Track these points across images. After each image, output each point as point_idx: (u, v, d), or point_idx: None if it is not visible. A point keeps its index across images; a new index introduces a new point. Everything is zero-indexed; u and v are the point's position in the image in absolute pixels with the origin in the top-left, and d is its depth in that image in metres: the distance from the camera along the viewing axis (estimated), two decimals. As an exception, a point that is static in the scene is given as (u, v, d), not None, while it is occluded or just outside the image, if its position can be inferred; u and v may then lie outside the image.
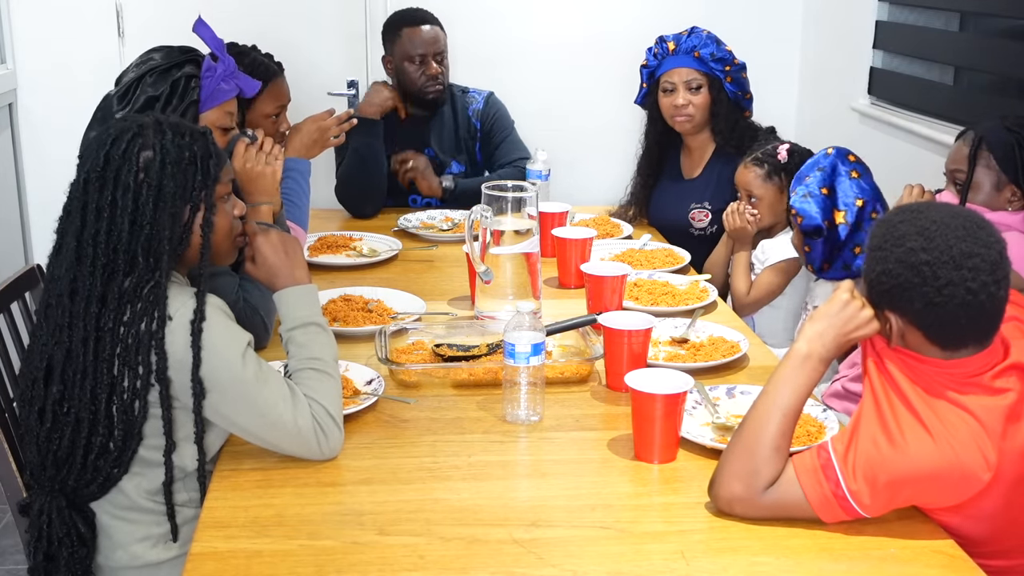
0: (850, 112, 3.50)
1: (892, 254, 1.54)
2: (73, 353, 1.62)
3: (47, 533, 1.68)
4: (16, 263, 3.63)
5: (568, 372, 2.07)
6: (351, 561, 1.47)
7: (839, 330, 1.59)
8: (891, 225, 1.58)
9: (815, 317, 1.61)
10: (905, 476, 1.50)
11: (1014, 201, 2.21)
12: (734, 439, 1.59)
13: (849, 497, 1.50)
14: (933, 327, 1.54)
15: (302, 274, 1.85)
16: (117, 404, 1.63)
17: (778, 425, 1.55)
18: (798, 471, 1.54)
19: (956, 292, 1.50)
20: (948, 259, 1.50)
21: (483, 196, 2.27)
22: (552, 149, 3.34)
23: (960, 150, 2.27)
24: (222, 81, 2.17)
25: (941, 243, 1.51)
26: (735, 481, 1.55)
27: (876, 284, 1.57)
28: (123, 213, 1.63)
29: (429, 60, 3.24)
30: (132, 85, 2.11)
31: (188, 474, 1.72)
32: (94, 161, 1.64)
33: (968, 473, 1.49)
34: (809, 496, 1.52)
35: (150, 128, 1.67)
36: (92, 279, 1.62)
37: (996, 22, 3.01)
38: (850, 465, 1.50)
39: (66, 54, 3.67)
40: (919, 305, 1.52)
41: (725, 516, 1.58)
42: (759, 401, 1.59)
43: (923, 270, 1.51)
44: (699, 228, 3.10)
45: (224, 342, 1.63)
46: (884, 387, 1.56)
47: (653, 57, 3.07)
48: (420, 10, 3.31)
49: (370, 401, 1.92)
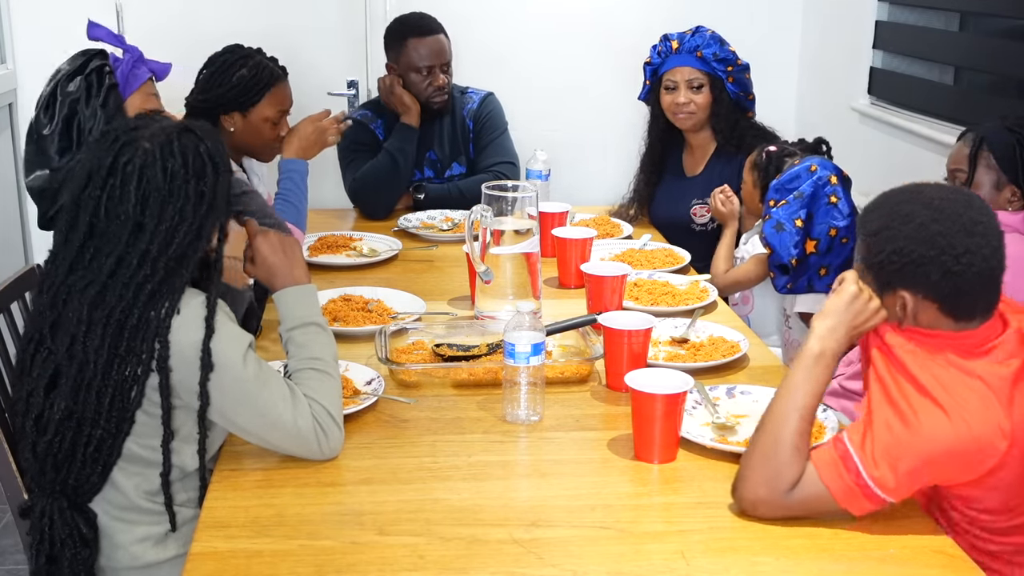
0: (850, 112, 3.50)
1: (901, 232, 1.57)
2: (86, 364, 1.60)
3: (49, 535, 1.67)
4: (16, 263, 3.63)
5: (568, 372, 2.07)
6: (351, 561, 1.47)
7: (850, 324, 1.60)
8: (892, 206, 1.62)
9: (824, 314, 1.61)
10: (924, 456, 1.50)
11: (1014, 201, 2.22)
12: (753, 443, 1.59)
13: (872, 484, 1.50)
14: (950, 297, 1.57)
15: (301, 274, 1.85)
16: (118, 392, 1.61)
17: (796, 426, 1.55)
18: (818, 466, 1.54)
19: (973, 260, 1.54)
20: (960, 228, 1.55)
21: (483, 196, 2.27)
22: (552, 149, 3.34)
23: (961, 150, 2.28)
24: (133, 66, 2.21)
25: (951, 213, 1.56)
26: (759, 485, 1.55)
27: (887, 265, 1.59)
28: (180, 225, 1.61)
29: (436, 71, 3.22)
30: (50, 98, 2.21)
31: (187, 474, 1.72)
32: (151, 176, 1.60)
33: (985, 444, 1.50)
34: (832, 490, 1.52)
35: (174, 132, 1.64)
36: (125, 290, 1.59)
37: (996, 22, 3.01)
38: (869, 453, 1.51)
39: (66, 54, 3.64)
40: (937, 276, 1.55)
41: (746, 517, 1.57)
42: (775, 403, 1.59)
43: (938, 241, 1.55)
44: (700, 224, 3.11)
45: (226, 343, 1.63)
46: (891, 372, 1.57)
47: (657, 55, 3.09)
48: (426, 18, 3.27)
49: (370, 401, 1.92)
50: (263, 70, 2.66)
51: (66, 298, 1.63)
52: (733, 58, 3.01)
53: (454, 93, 3.37)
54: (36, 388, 1.65)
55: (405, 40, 3.22)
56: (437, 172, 3.37)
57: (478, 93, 3.40)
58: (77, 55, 2.28)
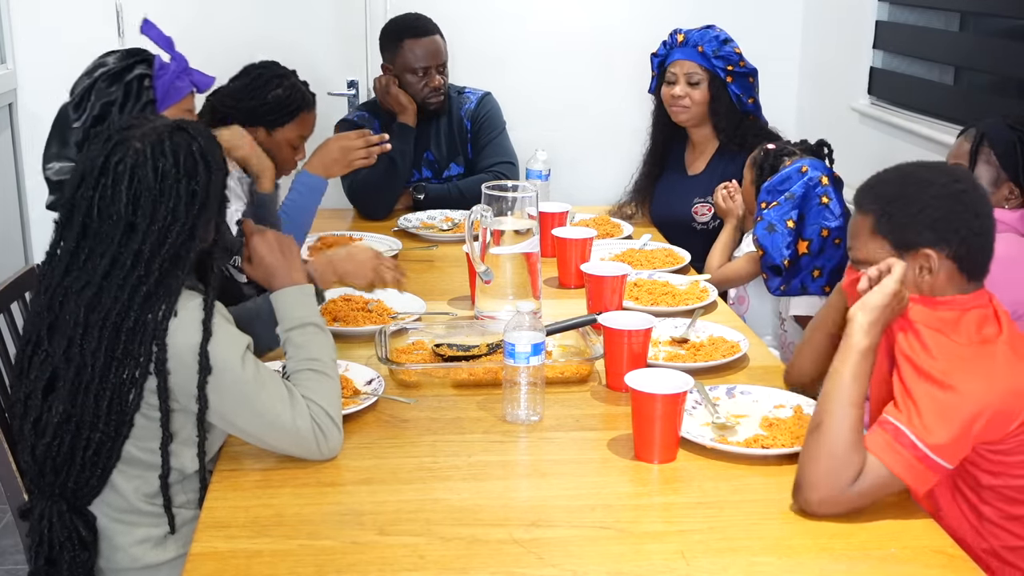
0: (850, 112, 3.50)
1: (925, 192, 1.69)
2: (83, 366, 1.60)
3: (48, 537, 1.67)
4: (16, 263, 3.63)
5: (568, 372, 2.07)
6: (351, 561, 1.47)
7: (889, 318, 1.66)
8: (902, 176, 1.74)
9: (866, 309, 1.63)
10: (970, 412, 1.56)
11: (1011, 199, 2.23)
12: (812, 443, 1.59)
13: (930, 453, 1.55)
14: (970, 255, 1.69)
15: (299, 274, 1.85)
16: (114, 393, 1.61)
17: (852, 421, 1.58)
18: (874, 452, 1.57)
19: (988, 222, 1.70)
20: (974, 187, 1.71)
21: (483, 196, 2.27)
22: (552, 149, 3.34)
23: (962, 145, 2.29)
24: (176, 79, 2.15)
25: (963, 176, 1.72)
26: (821, 484, 1.56)
27: (913, 225, 1.68)
28: (173, 223, 1.61)
29: (432, 72, 3.22)
30: (86, 93, 2.08)
31: (186, 476, 1.72)
32: (142, 176, 1.60)
33: (1015, 387, 1.60)
34: (894, 469, 1.55)
35: (166, 131, 1.64)
36: (120, 291, 1.59)
37: (996, 22, 3.01)
38: (918, 424, 1.55)
39: (66, 54, 3.64)
40: (965, 232, 1.67)
41: (809, 517, 1.57)
42: (828, 402, 1.60)
43: (963, 198, 1.68)
44: (701, 222, 3.11)
45: (224, 345, 1.63)
46: (916, 350, 1.63)
47: (664, 47, 3.10)
48: (421, 19, 3.27)
49: (370, 401, 1.92)
50: (297, 93, 2.62)
51: (63, 300, 1.63)
52: (736, 59, 3.00)
53: (451, 93, 3.37)
54: (34, 391, 1.65)
55: (401, 41, 3.22)
56: (435, 172, 3.37)
57: (475, 93, 3.40)
58: (124, 54, 2.16)
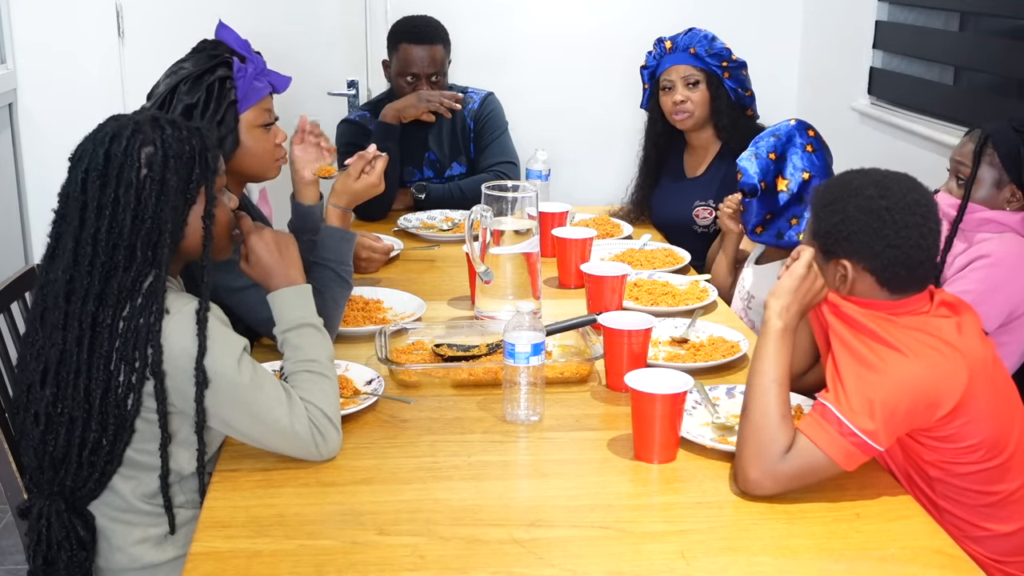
0: (850, 112, 3.50)
1: (850, 203, 1.72)
2: (67, 353, 1.62)
3: (46, 537, 1.67)
4: (16, 263, 3.63)
5: (568, 372, 2.07)
6: (351, 561, 1.47)
7: (801, 302, 1.72)
8: (843, 182, 1.77)
9: (778, 293, 1.71)
10: (896, 394, 1.60)
11: (1013, 201, 2.23)
12: (742, 424, 1.66)
13: (858, 432, 1.58)
14: (888, 269, 1.70)
15: (297, 274, 1.84)
16: (111, 397, 1.62)
17: (777, 395, 1.64)
18: (804, 431, 1.61)
19: (911, 235, 1.69)
20: (904, 205, 1.70)
21: (483, 196, 2.27)
22: (552, 149, 3.34)
23: (966, 145, 2.29)
24: (255, 80, 2.15)
25: (897, 191, 1.71)
26: (754, 460, 1.61)
27: (833, 233, 1.73)
28: (125, 209, 1.62)
29: (422, 81, 3.22)
30: (167, 96, 2.07)
31: (185, 476, 1.72)
32: (93, 160, 1.64)
33: (948, 374, 1.63)
34: (823, 447, 1.59)
35: (147, 124, 1.66)
36: (90, 278, 1.61)
37: (996, 22, 3.01)
38: (845, 404, 1.59)
39: (66, 54, 3.67)
40: (879, 247, 1.69)
41: (744, 496, 1.61)
42: (753, 382, 1.67)
43: (883, 215, 1.69)
44: (702, 225, 3.10)
45: (219, 355, 1.62)
46: (847, 330, 1.68)
47: (652, 58, 3.08)
48: (426, 25, 3.25)
49: (370, 401, 1.92)
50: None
51: (49, 287, 1.66)
52: (728, 54, 3.00)
53: (453, 94, 3.37)
54: (33, 382, 1.66)
55: (399, 44, 3.23)
56: (437, 172, 3.36)
57: (478, 93, 3.40)
58: (203, 56, 2.12)
